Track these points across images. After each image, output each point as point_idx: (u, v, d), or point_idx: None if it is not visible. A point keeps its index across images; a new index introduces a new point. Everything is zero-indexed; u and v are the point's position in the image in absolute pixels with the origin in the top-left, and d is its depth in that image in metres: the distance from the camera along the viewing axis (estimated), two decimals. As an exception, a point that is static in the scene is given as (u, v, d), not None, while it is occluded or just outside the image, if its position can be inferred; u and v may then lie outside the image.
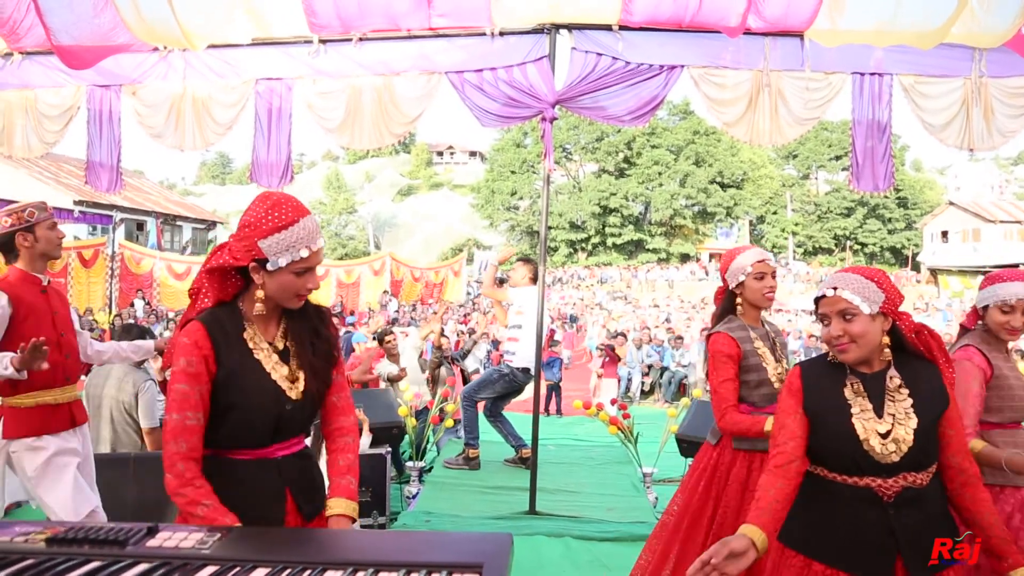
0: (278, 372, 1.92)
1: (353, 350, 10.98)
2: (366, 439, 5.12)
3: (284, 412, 1.90)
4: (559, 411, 11.61)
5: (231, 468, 1.88)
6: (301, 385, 1.94)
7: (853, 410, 1.98)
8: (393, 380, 7.06)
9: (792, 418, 2.04)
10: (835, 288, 1.99)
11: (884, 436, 1.94)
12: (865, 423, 1.96)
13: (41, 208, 3.31)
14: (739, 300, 3.12)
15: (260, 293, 1.86)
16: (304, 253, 1.82)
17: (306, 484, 2.00)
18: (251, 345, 1.90)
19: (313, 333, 1.99)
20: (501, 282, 7.01)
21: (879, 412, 1.97)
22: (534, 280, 6.43)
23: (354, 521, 2.00)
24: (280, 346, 1.95)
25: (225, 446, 1.89)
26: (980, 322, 2.92)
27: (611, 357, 12.55)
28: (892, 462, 1.93)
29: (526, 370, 6.17)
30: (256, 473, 1.90)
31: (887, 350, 2.01)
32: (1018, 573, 1.93)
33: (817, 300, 2.07)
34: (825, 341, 2.03)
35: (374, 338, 8.17)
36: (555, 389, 11.87)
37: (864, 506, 1.95)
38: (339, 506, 1.97)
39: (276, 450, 1.93)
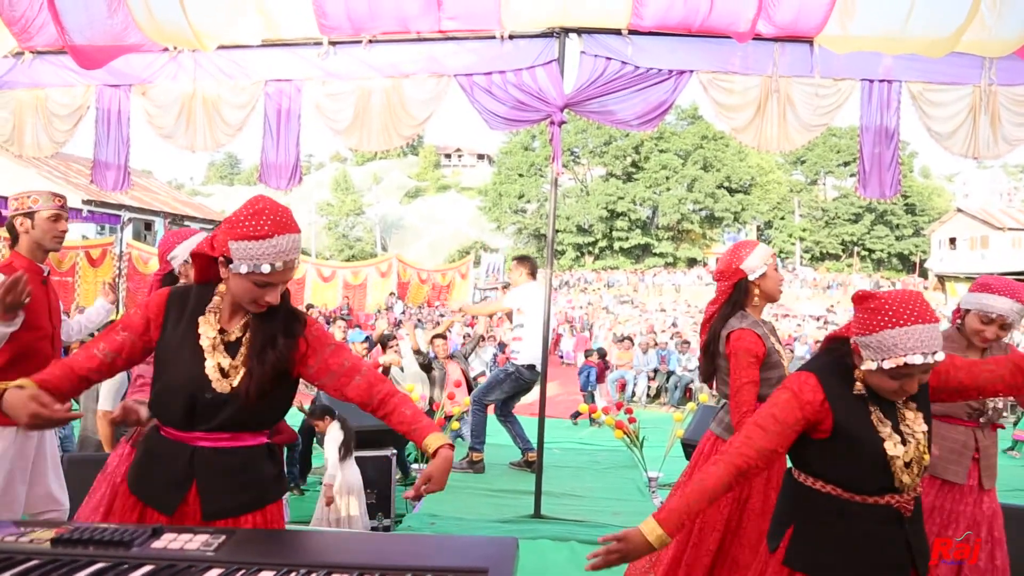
0: (213, 361, 1.89)
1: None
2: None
3: (202, 400, 1.87)
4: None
5: (156, 443, 1.96)
6: (235, 381, 1.89)
7: (882, 434, 1.90)
8: (386, 369, 7.14)
9: (789, 428, 1.91)
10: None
11: (907, 463, 1.90)
12: (893, 448, 1.89)
13: (49, 198, 3.32)
14: (757, 292, 3.08)
15: (222, 287, 1.94)
16: (265, 268, 1.79)
17: (222, 483, 1.90)
18: (200, 329, 1.91)
19: (271, 339, 1.92)
20: (506, 286, 7.04)
21: (898, 431, 1.93)
22: (533, 276, 6.46)
23: (452, 448, 2.01)
24: (232, 337, 1.94)
25: (157, 418, 1.98)
26: (959, 322, 2.94)
27: (598, 365, 12.55)
28: (915, 481, 1.93)
29: (532, 367, 6.19)
30: (167, 452, 1.92)
31: None
32: None
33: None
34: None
35: (378, 342, 8.16)
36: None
37: (884, 524, 1.91)
38: (435, 440, 1.96)
39: (195, 438, 1.90)
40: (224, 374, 1.89)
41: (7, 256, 3.34)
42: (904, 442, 1.90)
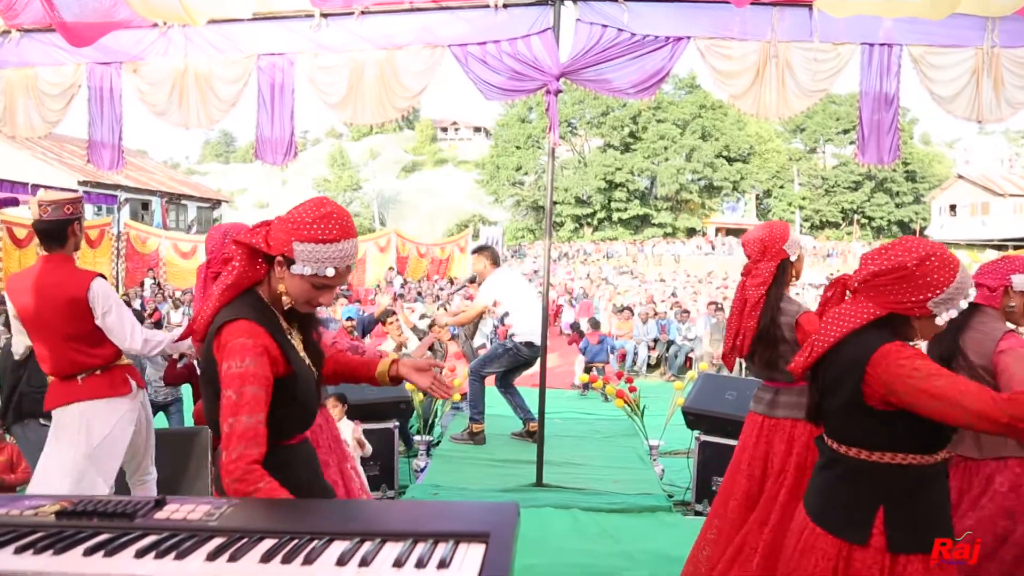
0: (307, 360, 1.97)
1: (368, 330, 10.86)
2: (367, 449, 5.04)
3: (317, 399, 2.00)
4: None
5: (288, 455, 1.87)
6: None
7: None
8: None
9: None
10: None
11: None
12: None
13: (82, 202, 3.44)
14: (793, 273, 3.12)
15: (282, 287, 1.84)
16: (330, 272, 1.80)
17: (314, 465, 2.07)
18: (290, 336, 1.91)
19: (315, 329, 2.05)
20: (472, 280, 6.93)
21: None
22: (496, 264, 6.43)
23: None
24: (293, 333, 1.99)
25: (284, 437, 1.86)
26: (1010, 303, 2.84)
27: (572, 337, 12.82)
28: None
29: (530, 344, 6.17)
30: (303, 454, 1.96)
31: None
32: None
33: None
34: None
35: (378, 320, 8.18)
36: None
37: (944, 478, 1.94)
38: (383, 364, 2.23)
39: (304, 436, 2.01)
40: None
41: (54, 256, 3.36)
42: None
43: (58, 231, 3.30)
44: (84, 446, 3.28)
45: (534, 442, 5.63)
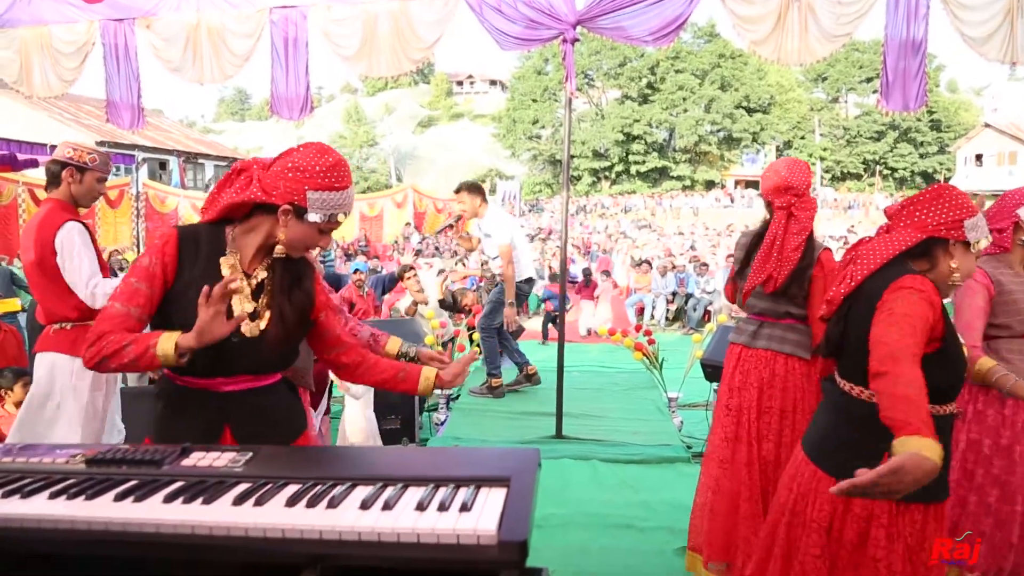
0: (238, 304, 1.85)
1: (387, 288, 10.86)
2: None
3: (227, 344, 1.78)
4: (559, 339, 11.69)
5: (177, 394, 1.87)
6: (262, 324, 1.86)
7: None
8: (409, 314, 7.17)
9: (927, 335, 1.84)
10: None
11: None
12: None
13: (105, 160, 3.38)
14: None
15: (282, 235, 1.82)
16: (341, 217, 1.85)
17: (253, 425, 1.89)
18: (223, 271, 1.82)
19: (297, 280, 1.93)
20: (455, 223, 6.60)
21: None
22: (485, 199, 6.38)
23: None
24: (255, 281, 1.89)
25: (184, 372, 1.84)
26: (1022, 237, 2.81)
27: (580, 287, 13.36)
28: None
29: (528, 280, 6.35)
30: (196, 403, 1.86)
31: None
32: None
33: None
34: None
35: (399, 277, 8.19)
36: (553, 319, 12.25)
37: (948, 433, 1.89)
38: (429, 378, 2.07)
39: (220, 384, 1.86)
40: (252, 318, 1.86)
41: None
42: None
43: (53, 174, 3.30)
44: (43, 397, 3.29)
45: (534, 384, 5.70)
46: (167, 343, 1.68)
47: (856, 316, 1.92)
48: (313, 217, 1.80)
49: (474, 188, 6.35)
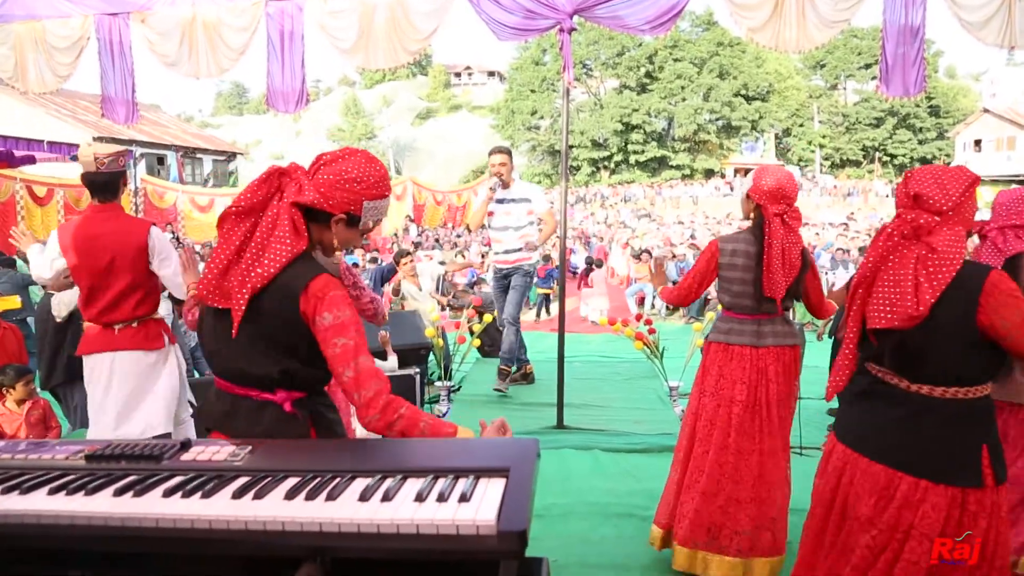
0: None
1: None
2: (392, 360, 5.19)
3: None
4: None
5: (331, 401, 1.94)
6: None
7: None
8: (396, 290, 7.21)
9: None
10: None
11: None
12: None
13: (131, 155, 3.55)
14: None
15: (335, 240, 1.87)
16: (383, 219, 1.96)
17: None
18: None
19: None
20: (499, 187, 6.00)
21: None
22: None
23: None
24: None
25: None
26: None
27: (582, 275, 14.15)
28: None
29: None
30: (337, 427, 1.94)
31: None
32: None
33: None
34: None
35: (395, 260, 8.22)
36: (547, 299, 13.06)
37: None
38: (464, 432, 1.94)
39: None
40: None
41: (102, 205, 3.47)
42: None
43: (112, 183, 3.43)
44: (116, 392, 3.43)
45: (528, 383, 5.84)
46: (465, 433, 1.66)
47: (945, 320, 1.87)
48: (363, 224, 1.88)
49: (507, 152, 6.07)
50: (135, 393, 3.47)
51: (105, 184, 3.42)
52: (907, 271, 1.89)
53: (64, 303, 5.22)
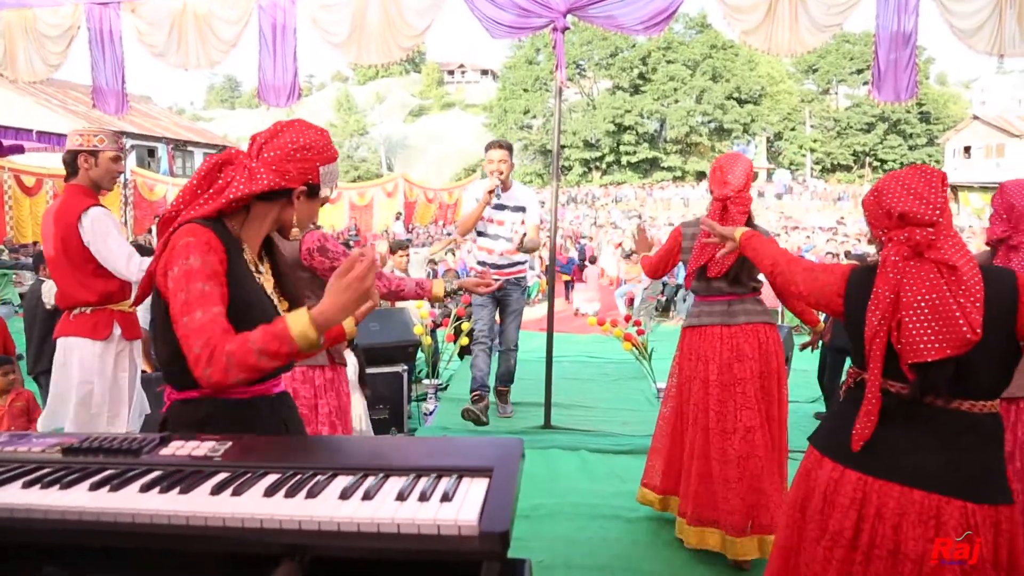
0: (274, 297, 1.80)
1: None
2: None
3: None
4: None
5: (232, 410, 1.67)
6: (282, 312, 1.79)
7: None
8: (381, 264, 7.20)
9: None
10: None
11: None
12: None
13: (113, 139, 3.40)
14: None
15: (294, 217, 1.76)
16: (337, 185, 1.87)
17: (296, 422, 1.84)
18: (251, 266, 1.75)
19: (287, 264, 1.94)
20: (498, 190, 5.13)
21: None
22: None
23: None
24: (267, 271, 1.85)
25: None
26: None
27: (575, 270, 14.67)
28: None
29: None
30: (258, 414, 1.71)
31: None
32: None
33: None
34: None
35: (391, 251, 8.22)
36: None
37: None
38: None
39: (271, 386, 1.76)
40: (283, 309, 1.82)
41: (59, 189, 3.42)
42: None
43: (69, 161, 3.36)
44: (63, 383, 3.37)
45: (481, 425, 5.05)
46: (299, 324, 1.47)
47: (990, 332, 1.77)
48: (324, 192, 1.80)
49: (511, 147, 5.23)
50: (83, 383, 3.35)
51: (65, 161, 3.37)
52: (942, 296, 1.76)
53: (52, 291, 5.21)
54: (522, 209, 5.23)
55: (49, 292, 5.19)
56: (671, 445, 3.57)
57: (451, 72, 74.87)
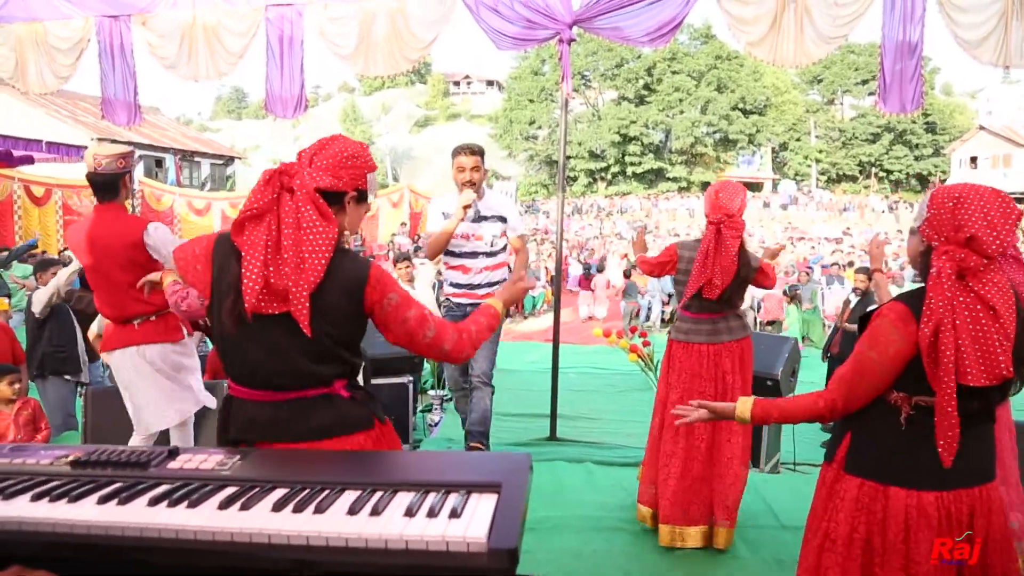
0: None
1: None
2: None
3: None
4: None
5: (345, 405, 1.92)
6: None
7: None
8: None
9: None
10: None
11: None
12: None
13: (132, 155, 3.56)
14: None
15: (345, 223, 1.91)
16: (375, 194, 2.06)
17: None
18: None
19: None
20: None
21: None
22: None
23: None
24: None
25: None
26: None
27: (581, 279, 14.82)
28: None
29: None
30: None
31: None
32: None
33: None
34: None
35: (395, 261, 8.25)
36: None
37: None
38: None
39: None
40: None
41: (101, 206, 3.48)
42: None
43: (111, 184, 3.43)
44: (150, 385, 3.50)
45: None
46: (497, 305, 2.14)
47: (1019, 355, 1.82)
48: (369, 198, 1.97)
49: (483, 152, 4.26)
50: (168, 383, 3.52)
51: (103, 184, 3.44)
52: (987, 329, 1.77)
53: (40, 300, 5.29)
54: (502, 219, 4.29)
55: (39, 301, 5.28)
56: (652, 455, 3.75)
57: (457, 83, 75.07)
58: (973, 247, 1.80)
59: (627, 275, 15.07)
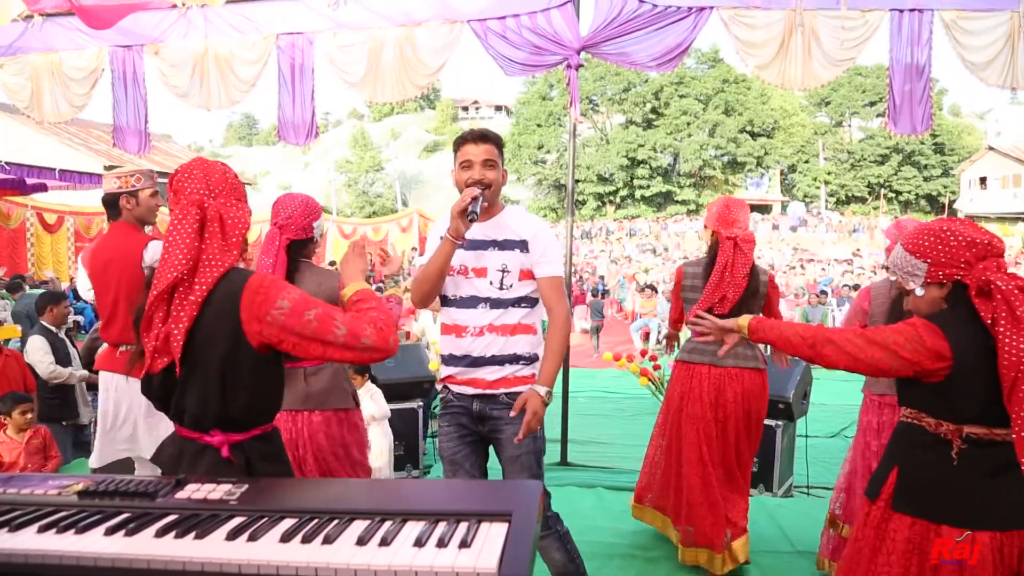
0: None
1: None
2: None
3: None
4: None
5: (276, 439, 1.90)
6: None
7: None
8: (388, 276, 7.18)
9: None
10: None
11: None
12: None
13: (148, 176, 3.53)
14: None
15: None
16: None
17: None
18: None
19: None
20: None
21: None
22: None
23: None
24: None
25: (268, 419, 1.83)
26: None
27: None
28: None
29: None
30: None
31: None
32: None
33: None
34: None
35: (404, 290, 8.25)
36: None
37: None
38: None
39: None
40: None
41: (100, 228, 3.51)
42: None
43: (111, 203, 3.47)
44: (109, 417, 3.42)
45: None
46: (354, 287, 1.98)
47: None
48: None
49: (501, 142, 2.72)
50: (146, 415, 3.40)
51: (105, 204, 3.50)
52: None
53: (47, 373, 5.39)
54: (520, 245, 2.67)
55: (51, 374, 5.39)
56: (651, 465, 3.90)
57: (465, 108, 75.66)
58: (994, 248, 1.86)
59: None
